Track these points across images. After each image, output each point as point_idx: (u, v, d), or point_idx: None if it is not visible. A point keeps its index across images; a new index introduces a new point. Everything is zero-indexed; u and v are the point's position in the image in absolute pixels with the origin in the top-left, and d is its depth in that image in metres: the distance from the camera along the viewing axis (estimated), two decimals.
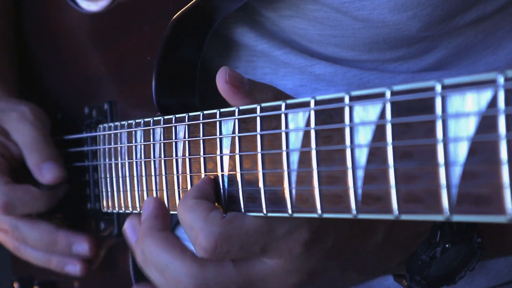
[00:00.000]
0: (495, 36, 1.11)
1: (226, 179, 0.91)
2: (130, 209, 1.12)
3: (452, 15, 1.03)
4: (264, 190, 0.85)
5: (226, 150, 0.90)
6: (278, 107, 0.82)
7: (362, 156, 0.72)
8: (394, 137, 0.68)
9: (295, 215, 0.81)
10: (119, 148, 1.13)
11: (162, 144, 1.02)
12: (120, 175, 1.13)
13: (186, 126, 0.97)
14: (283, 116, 0.81)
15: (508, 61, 1.13)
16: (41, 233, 1.27)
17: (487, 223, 0.98)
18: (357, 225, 0.91)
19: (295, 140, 0.80)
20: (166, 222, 0.95)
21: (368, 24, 1.03)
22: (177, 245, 0.91)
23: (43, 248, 1.28)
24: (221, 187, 0.91)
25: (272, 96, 0.91)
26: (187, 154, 0.97)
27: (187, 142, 0.97)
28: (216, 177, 0.92)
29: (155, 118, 1.04)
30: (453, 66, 1.13)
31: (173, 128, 0.99)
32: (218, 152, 0.91)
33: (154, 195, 1.04)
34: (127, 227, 1.03)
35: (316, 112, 0.77)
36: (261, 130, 0.85)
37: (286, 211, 0.82)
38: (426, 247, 0.95)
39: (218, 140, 0.91)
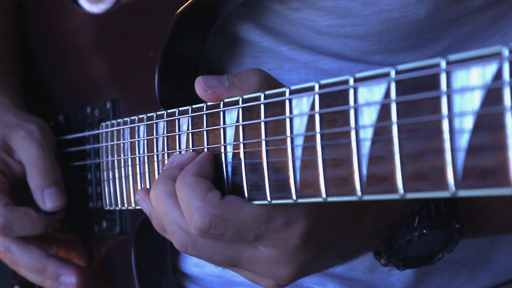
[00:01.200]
0: (502, 22, 1.11)
1: (230, 169, 0.91)
2: (133, 205, 1.12)
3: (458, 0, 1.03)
4: (268, 177, 0.85)
5: (230, 140, 0.90)
6: (283, 94, 0.82)
7: (367, 137, 0.72)
8: (399, 116, 0.68)
9: (300, 200, 0.81)
10: (121, 144, 1.13)
11: (165, 137, 1.02)
12: (122, 171, 1.13)
13: (190, 118, 0.97)
14: (287, 102, 0.81)
15: None
16: (32, 259, 1.26)
17: (467, 204, 0.98)
18: (348, 216, 0.91)
19: (300, 125, 0.80)
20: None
21: (378, 9, 1.03)
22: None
23: (33, 273, 1.28)
24: (225, 177, 0.91)
25: (257, 80, 0.91)
26: (190, 146, 0.97)
27: (190, 134, 0.97)
28: (217, 153, 0.91)
29: (158, 113, 1.04)
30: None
31: (176, 121, 0.99)
32: (222, 142, 0.91)
33: None
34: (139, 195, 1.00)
35: (320, 96, 0.77)
36: (265, 118, 0.85)
37: (291, 197, 0.82)
38: (403, 231, 0.95)
39: (222, 130, 0.91)
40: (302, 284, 1.16)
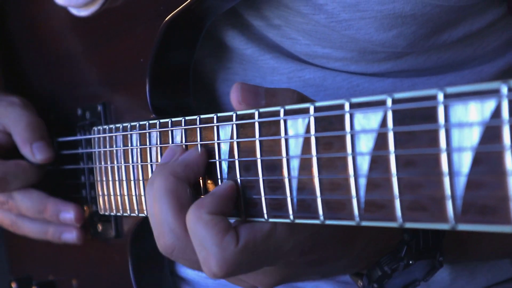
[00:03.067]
0: (482, 50, 1.11)
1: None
2: (128, 212, 1.12)
3: (437, 33, 1.04)
4: (265, 196, 0.84)
5: (225, 156, 0.90)
6: (277, 113, 0.81)
7: (364, 164, 0.71)
8: (396, 146, 0.68)
9: (297, 221, 0.81)
10: (114, 151, 1.12)
11: (159, 147, 1.01)
12: (116, 178, 1.12)
13: (183, 130, 0.96)
14: (282, 122, 0.81)
15: (494, 73, 1.13)
16: (33, 200, 1.28)
17: (451, 237, 0.99)
18: (339, 240, 0.92)
19: (295, 146, 0.79)
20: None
21: (356, 40, 1.04)
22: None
23: (34, 215, 1.29)
24: None
25: (294, 101, 0.88)
26: None
27: (184, 146, 0.96)
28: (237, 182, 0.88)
29: (150, 122, 1.03)
30: (439, 75, 1.13)
31: (170, 132, 0.98)
32: (216, 157, 0.91)
33: None
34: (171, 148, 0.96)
35: (316, 118, 0.77)
36: (260, 136, 0.84)
37: (288, 217, 0.81)
38: (390, 260, 0.96)
39: (216, 145, 0.91)
40: (297, 284, 1.17)
